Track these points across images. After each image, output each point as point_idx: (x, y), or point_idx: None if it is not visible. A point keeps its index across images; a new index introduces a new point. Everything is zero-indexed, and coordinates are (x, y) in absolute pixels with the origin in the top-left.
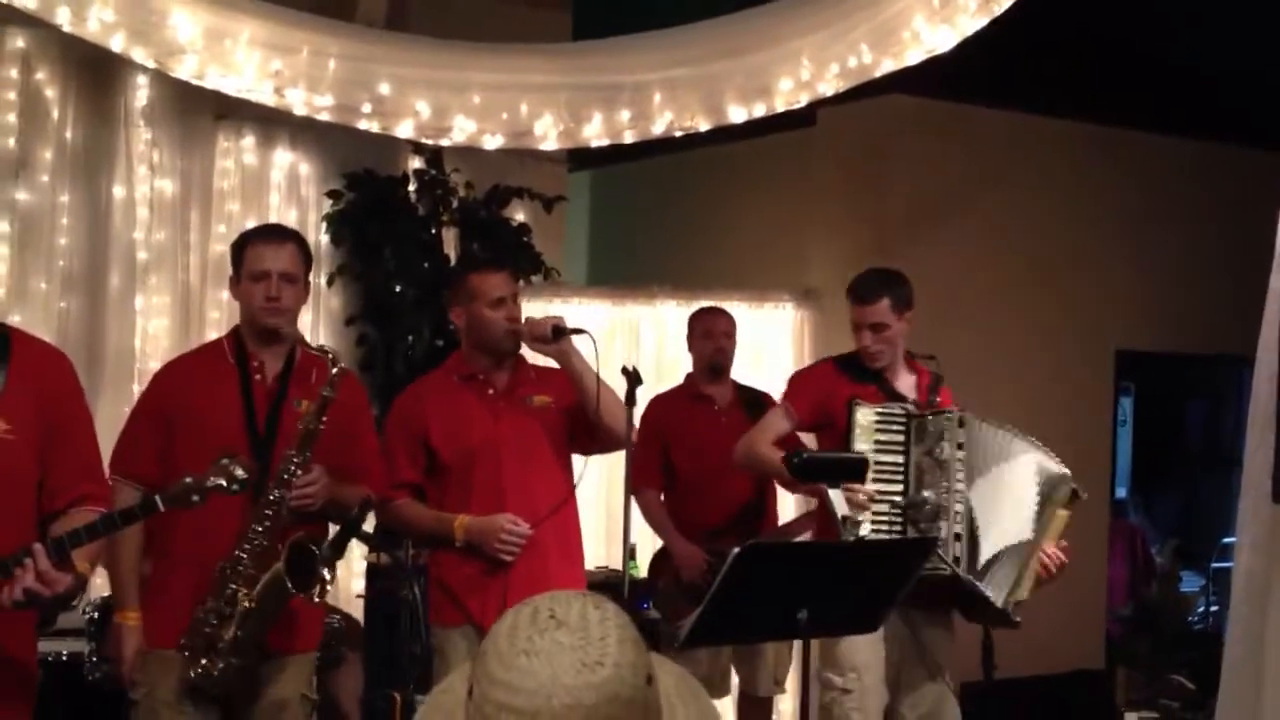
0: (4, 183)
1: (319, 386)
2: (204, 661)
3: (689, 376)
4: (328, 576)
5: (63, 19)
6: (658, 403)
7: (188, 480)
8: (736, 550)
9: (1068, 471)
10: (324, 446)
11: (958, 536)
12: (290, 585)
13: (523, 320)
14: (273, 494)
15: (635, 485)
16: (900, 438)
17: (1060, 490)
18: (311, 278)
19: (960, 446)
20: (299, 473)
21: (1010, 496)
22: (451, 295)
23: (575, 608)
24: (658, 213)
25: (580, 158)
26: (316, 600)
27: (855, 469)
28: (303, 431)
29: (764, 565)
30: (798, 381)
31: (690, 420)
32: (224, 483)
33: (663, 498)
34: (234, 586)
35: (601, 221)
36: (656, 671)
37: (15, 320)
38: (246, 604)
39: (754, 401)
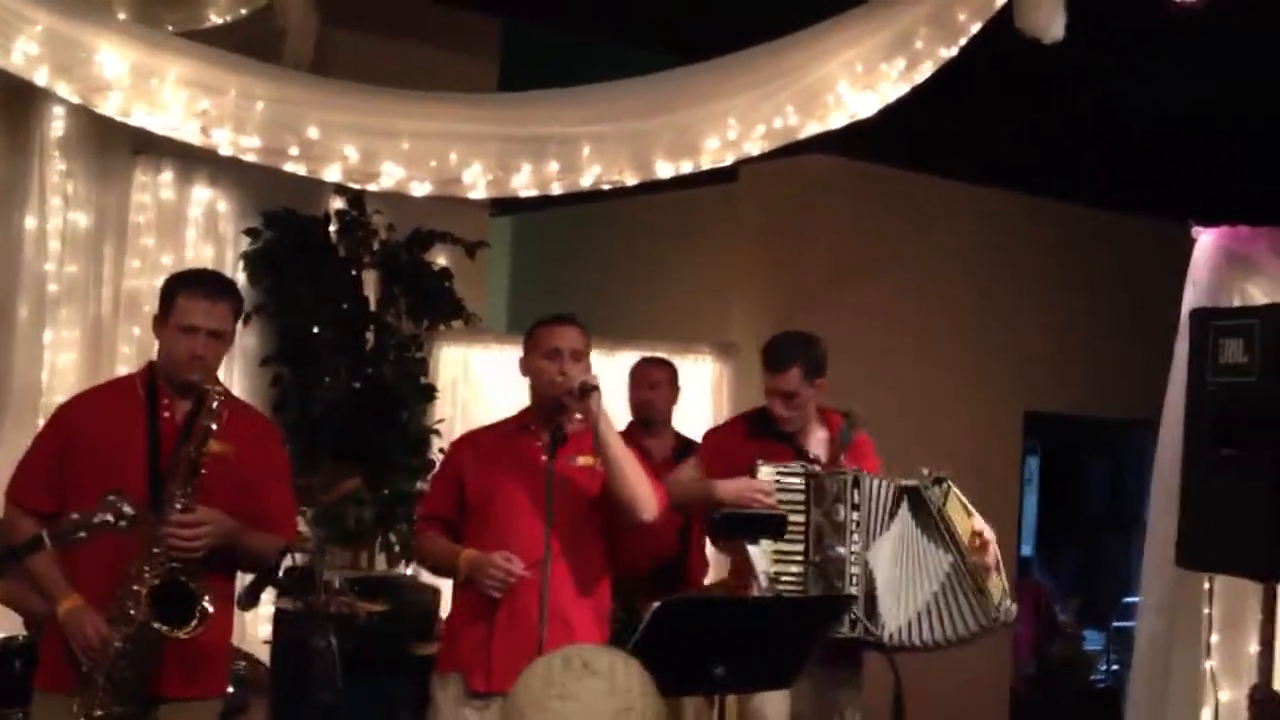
0: None
1: (230, 430)
2: (89, 710)
3: (629, 425)
4: (207, 610)
5: None
6: None
7: (74, 516)
8: (656, 604)
9: (924, 470)
10: (228, 491)
11: (853, 598)
12: (159, 626)
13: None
14: (159, 531)
15: None
16: (800, 497)
17: (932, 495)
18: None
19: (856, 507)
20: (178, 507)
21: (905, 547)
22: (524, 344)
23: (606, 659)
24: (580, 260)
25: (502, 203)
26: (186, 635)
27: (774, 525)
28: (185, 463)
29: (683, 620)
30: (707, 442)
31: None
32: (111, 519)
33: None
34: (114, 629)
35: (523, 267)
36: None
37: None
38: (118, 644)
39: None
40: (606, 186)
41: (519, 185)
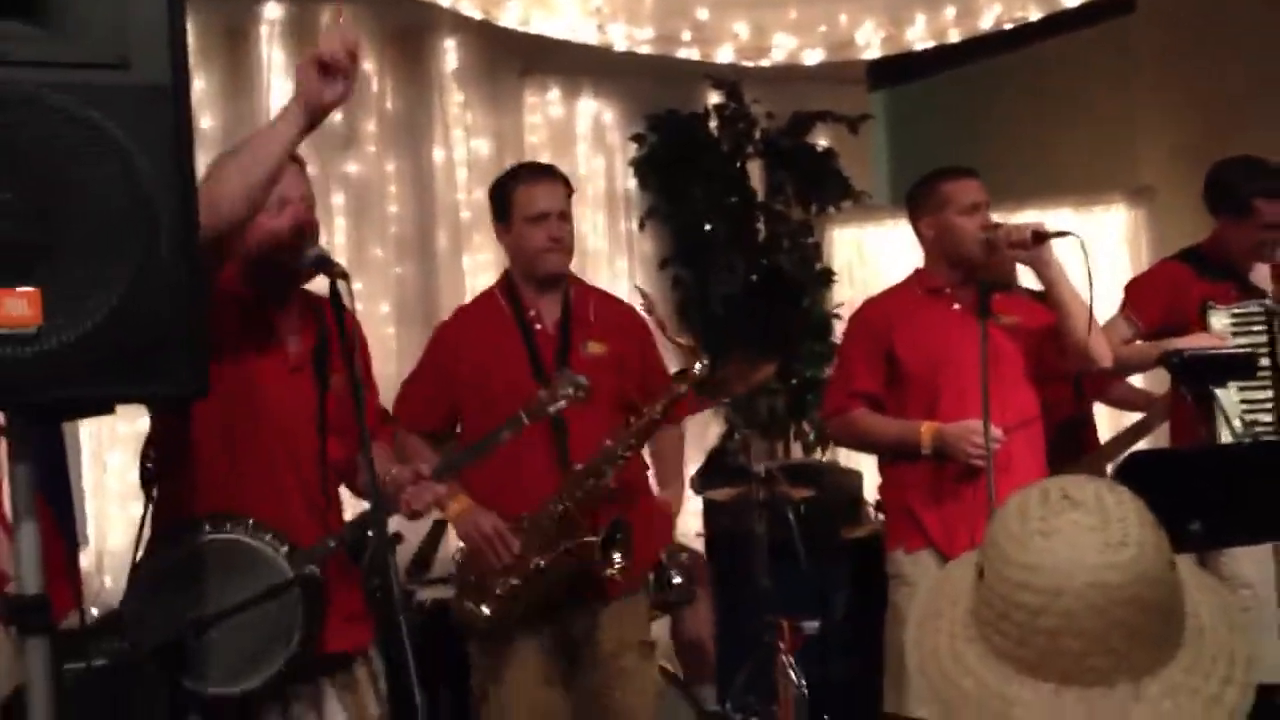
0: (335, 156)
1: (601, 326)
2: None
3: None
4: (622, 562)
5: None
6: None
7: (541, 394)
8: (1115, 465)
9: None
10: (611, 391)
11: None
12: (604, 565)
13: (998, 227)
14: (591, 472)
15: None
16: (1263, 339)
17: None
18: (623, 222)
19: None
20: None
21: None
22: (918, 205)
23: (1089, 489)
24: (963, 127)
25: (877, 77)
26: (611, 574)
27: (1244, 365)
28: (638, 430)
29: (1150, 475)
30: (1143, 285)
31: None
32: (573, 391)
33: None
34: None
35: (903, 142)
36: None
37: (356, 288)
38: (540, 563)
39: None
40: (1008, 25)
41: (914, 38)
